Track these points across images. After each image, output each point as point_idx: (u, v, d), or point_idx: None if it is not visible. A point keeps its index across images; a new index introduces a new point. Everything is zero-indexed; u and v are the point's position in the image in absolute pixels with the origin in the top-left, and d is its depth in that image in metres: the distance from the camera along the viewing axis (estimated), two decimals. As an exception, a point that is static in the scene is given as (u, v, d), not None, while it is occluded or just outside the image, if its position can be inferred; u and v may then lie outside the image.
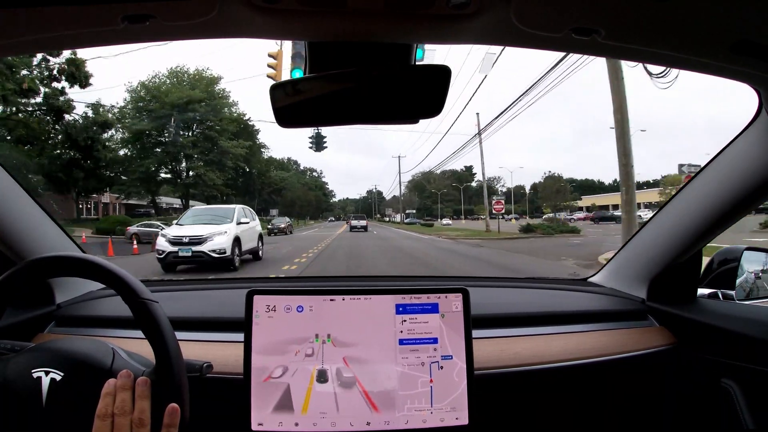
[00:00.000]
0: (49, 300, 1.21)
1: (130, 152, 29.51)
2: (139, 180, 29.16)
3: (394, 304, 0.96)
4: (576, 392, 1.15)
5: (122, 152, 29.17)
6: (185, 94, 29.76)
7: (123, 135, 29.10)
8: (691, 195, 1.15)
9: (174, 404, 0.70)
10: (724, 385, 1.10)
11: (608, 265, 1.50)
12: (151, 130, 29.35)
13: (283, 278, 1.77)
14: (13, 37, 0.66)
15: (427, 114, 0.80)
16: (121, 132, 28.94)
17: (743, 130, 0.98)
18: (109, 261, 0.78)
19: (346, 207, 74.33)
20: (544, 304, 1.35)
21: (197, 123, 30.59)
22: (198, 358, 0.85)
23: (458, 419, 0.92)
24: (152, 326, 0.74)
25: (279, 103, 0.78)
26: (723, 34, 0.66)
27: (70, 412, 0.71)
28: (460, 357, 0.94)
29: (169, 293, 1.39)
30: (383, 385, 0.92)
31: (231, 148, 31.16)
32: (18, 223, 1.11)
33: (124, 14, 0.61)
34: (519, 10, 0.62)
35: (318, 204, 56.37)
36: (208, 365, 0.85)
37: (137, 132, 28.80)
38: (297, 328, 0.93)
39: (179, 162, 30.63)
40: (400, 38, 0.74)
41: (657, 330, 1.24)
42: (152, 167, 29.30)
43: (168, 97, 29.46)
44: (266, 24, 0.66)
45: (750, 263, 1.30)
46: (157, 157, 29.83)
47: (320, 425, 0.90)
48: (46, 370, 0.73)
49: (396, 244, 18.40)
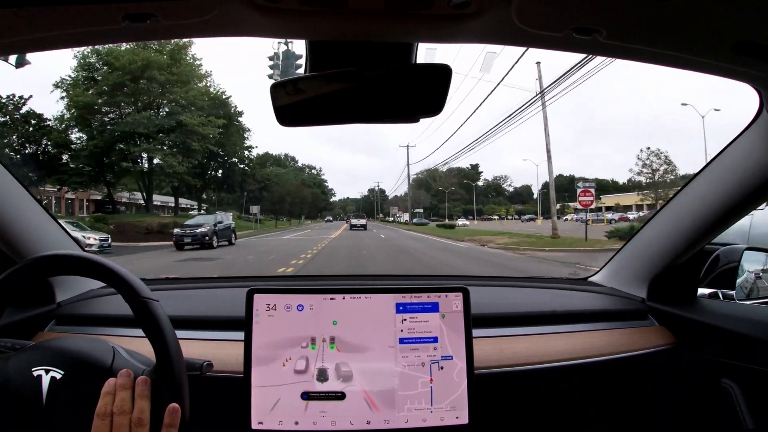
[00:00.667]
0: (49, 298, 1.21)
1: (80, 132, 23.77)
2: (87, 167, 23.27)
3: (395, 303, 0.96)
4: (576, 391, 1.15)
5: (76, 136, 23.52)
6: (141, 56, 23.35)
7: (71, 113, 23.41)
8: (691, 195, 1.15)
9: (174, 404, 0.70)
10: (724, 385, 1.10)
11: (608, 265, 1.50)
12: (99, 104, 23.55)
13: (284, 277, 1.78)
14: (15, 36, 0.66)
15: (427, 113, 0.80)
16: (67, 109, 23.36)
17: (744, 130, 0.98)
18: (109, 260, 0.78)
19: (346, 207, 71.33)
20: (545, 303, 1.35)
21: (157, 95, 24.59)
22: (198, 357, 0.85)
23: (458, 418, 0.92)
24: (153, 325, 0.74)
25: (279, 102, 0.79)
26: (724, 34, 0.66)
27: (70, 410, 0.71)
28: (460, 357, 0.94)
29: (170, 292, 1.39)
30: (383, 384, 0.92)
31: (197, 127, 24.15)
32: (18, 222, 1.11)
33: (125, 13, 0.61)
34: (520, 9, 0.62)
35: (315, 201, 52.71)
36: (208, 364, 0.85)
37: (83, 106, 23.01)
38: (297, 327, 0.93)
39: (135, 145, 23.93)
40: (400, 38, 0.74)
41: (657, 330, 1.24)
42: (99, 149, 22.94)
43: (119, 60, 23.09)
44: (267, 23, 0.66)
45: (750, 263, 1.31)
46: (105, 137, 23.19)
47: (320, 424, 0.90)
48: (47, 369, 0.73)
49: (427, 263, 11.63)
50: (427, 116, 0.81)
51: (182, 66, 25.68)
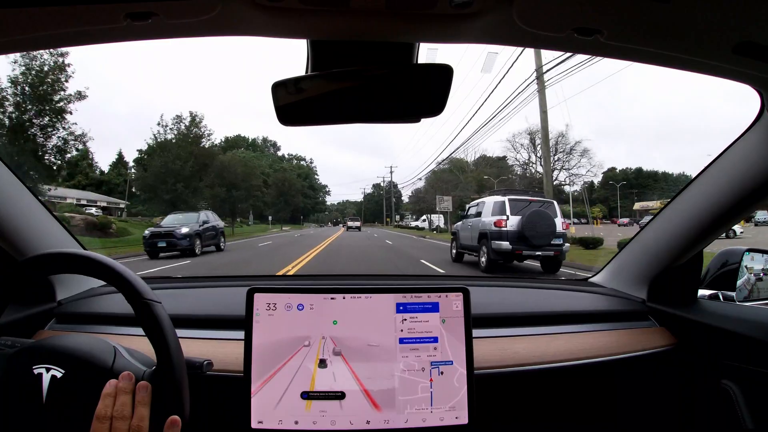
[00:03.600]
0: (50, 297, 1.21)
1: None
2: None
3: (395, 303, 0.96)
4: (576, 392, 1.15)
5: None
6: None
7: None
8: (692, 196, 1.15)
9: (175, 417, 0.70)
10: (724, 386, 1.10)
11: (609, 266, 1.50)
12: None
13: (284, 276, 1.78)
14: (18, 35, 0.66)
15: (429, 113, 0.80)
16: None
17: (745, 132, 0.98)
18: (111, 259, 0.78)
19: (345, 210, 65.05)
20: (545, 304, 1.35)
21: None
22: (199, 356, 0.85)
23: (458, 418, 0.92)
24: (154, 327, 0.74)
25: (281, 102, 0.79)
26: (725, 35, 0.66)
27: (69, 409, 0.71)
28: (460, 362, 0.94)
29: (170, 291, 1.40)
30: (383, 384, 0.92)
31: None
32: (19, 220, 1.11)
33: (127, 12, 0.61)
34: (521, 10, 0.62)
35: (290, 193, 38.61)
36: (208, 363, 0.85)
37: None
38: (297, 327, 0.93)
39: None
40: (401, 37, 0.74)
41: (657, 330, 1.24)
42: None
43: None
44: (268, 22, 0.66)
45: (751, 264, 1.30)
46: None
47: (320, 423, 0.90)
48: (47, 367, 0.73)
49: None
50: (428, 116, 0.81)
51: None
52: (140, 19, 0.63)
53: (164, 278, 1.80)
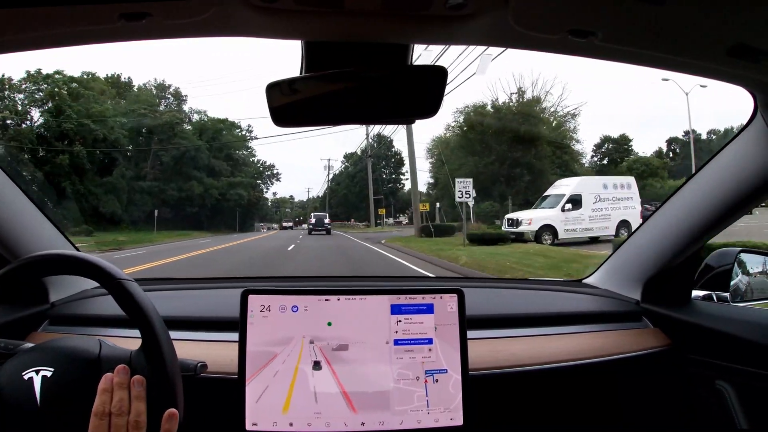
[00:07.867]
0: (43, 298, 1.20)
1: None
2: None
3: (389, 304, 0.95)
4: (570, 393, 1.16)
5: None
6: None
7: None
8: (686, 197, 1.16)
9: (173, 410, 0.69)
10: (718, 386, 1.11)
11: (603, 267, 1.50)
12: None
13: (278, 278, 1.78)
14: (9, 35, 0.65)
15: (423, 114, 0.80)
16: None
17: (738, 133, 0.99)
18: (86, 252, 0.78)
19: (306, 206, 50.48)
20: (539, 305, 1.35)
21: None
22: (192, 358, 0.85)
23: (453, 420, 0.92)
24: (132, 305, 0.73)
25: (275, 103, 0.78)
26: (720, 37, 0.66)
27: (64, 406, 0.71)
28: (455, 368, 0.94)
29: (163, 292, 1.39)
30: (378, 385, 0.92)
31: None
32: (12, 222, 1.10)
33: (121, 12, 0.61)
34: (516, 11, 0.62)
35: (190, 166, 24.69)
36: (202, 365, 0.84)
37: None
38: (292, 328, 0.93)
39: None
40: (396, 38, 0.73)
41: (651, 331, 1.24)
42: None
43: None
44: (263, 23, 0.66)
45: (744, 265, 1.31)
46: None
47: (315, 425, 0.90)
48: (37, 369, 0.72)
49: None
50: (422, 117, 0.81)
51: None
52: (134, 19, 0.62)
53: (157, 280, 1.79)
